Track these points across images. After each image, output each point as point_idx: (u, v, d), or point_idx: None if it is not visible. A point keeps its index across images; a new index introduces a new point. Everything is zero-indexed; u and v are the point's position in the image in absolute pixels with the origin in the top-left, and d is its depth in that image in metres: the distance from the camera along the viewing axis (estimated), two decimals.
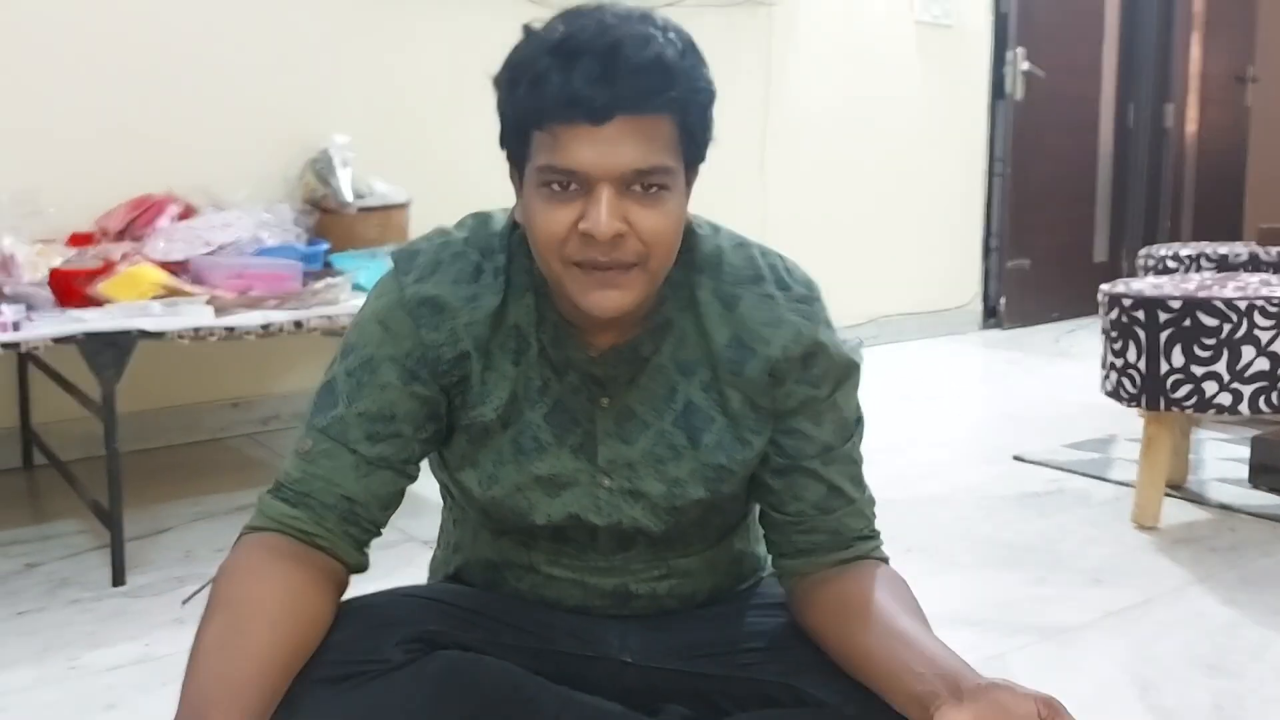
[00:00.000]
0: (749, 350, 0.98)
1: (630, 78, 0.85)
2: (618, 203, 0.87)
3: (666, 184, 0.89)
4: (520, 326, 0.98)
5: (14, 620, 1.79)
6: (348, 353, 0.98)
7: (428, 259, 0.98)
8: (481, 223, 1.02)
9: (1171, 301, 2.10)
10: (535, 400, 0.99)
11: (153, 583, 1.94)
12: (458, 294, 0.96)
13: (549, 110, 0.86)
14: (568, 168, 0.87)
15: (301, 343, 2.95)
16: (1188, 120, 5.31)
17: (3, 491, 2.50)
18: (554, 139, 0.87)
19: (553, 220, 0.88)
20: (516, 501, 1.00)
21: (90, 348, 1.86)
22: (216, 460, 2.75)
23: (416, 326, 0.96)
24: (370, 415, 0.96)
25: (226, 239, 2.35)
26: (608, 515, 1.01)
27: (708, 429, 1.00)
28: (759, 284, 1.00)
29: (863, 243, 4.22)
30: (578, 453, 0.99)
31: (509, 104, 0.91)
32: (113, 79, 2.64)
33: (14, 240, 2.14)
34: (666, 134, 0.88)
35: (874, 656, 0.92)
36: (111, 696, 1.54)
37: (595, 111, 0.85)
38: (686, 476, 1.00)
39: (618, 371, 0.99)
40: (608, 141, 0.86)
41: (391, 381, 0.96)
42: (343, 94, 2.97)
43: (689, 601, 1.08)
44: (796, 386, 1.00)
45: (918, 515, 2.32)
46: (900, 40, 4.31)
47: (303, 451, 0.96)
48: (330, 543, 0.95)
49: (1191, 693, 1.55)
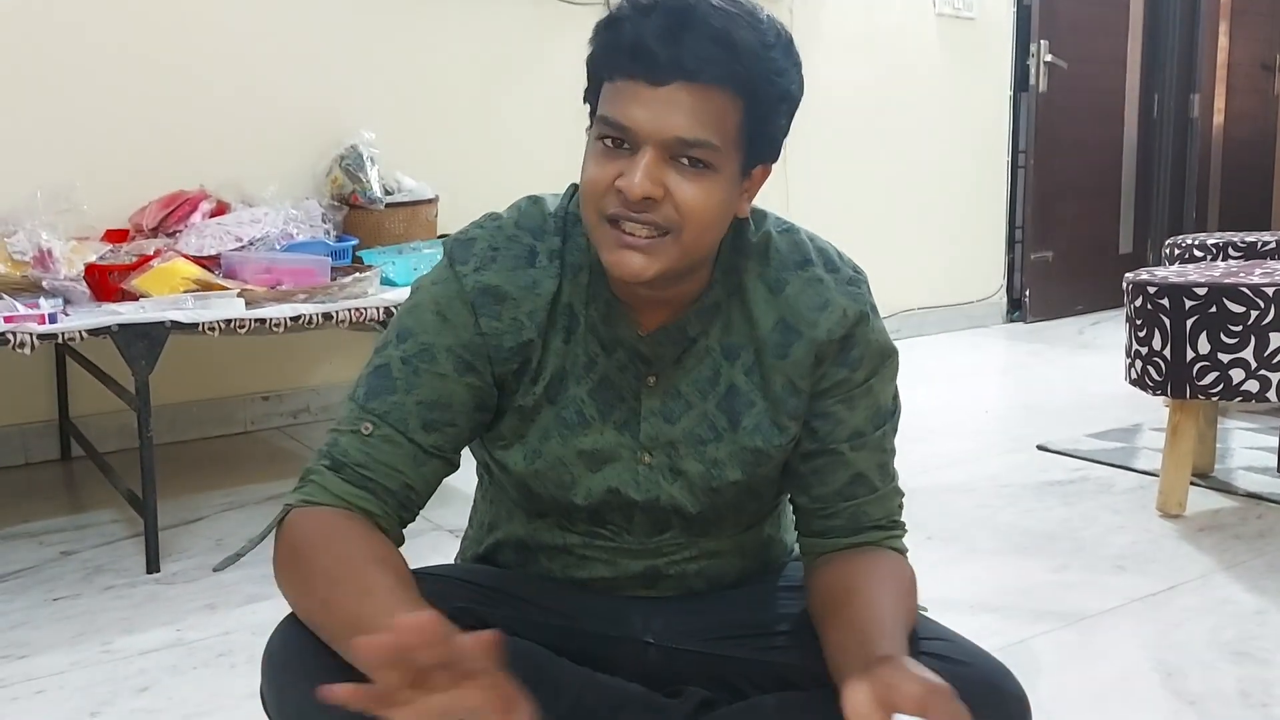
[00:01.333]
0: (795, 333, 1.00)
1: (695, 43, 0.85)
2: (658, 167, 0.88)
3: (711, 162, 0.89)
4: (573, 305, 1.00)
5: (50, 606, 1.83)
6: (404, 337, 0.98)
7: (484, 246, 0.99)
8: (534, 205, 1.03)
9: (1197, 288, 2.10)
10: (581, 376, 1.00)
11: (185, 570, 1.98)
12: (517, 281, 0.98)
13: (615, 60, 0.89)
14: (619, 122, 0.88)
15: (330, 337, 2.99)
16: (1214, 110, 5.26)
17: (41, 482, 2.55)
18: (616, 93, 0.89)
19: (598, 173, 0.90)
20: (559, 475, 1.01)
21: (124, 339, 1.90)
22: (248, 452, 2.79)
23: (477, 316, 0.97)
24: (427, 404, 0.96)
25: (256, 234, 2.39)
26: (646, 491, 1.02)
27: (747, 413, 1.01)
28: (807, 268, 1.01)
29: (885, 236, 4.21)
30: (621, 429, 1.01)
31: (590, 50, 0.93)
32: (146, 79, 2.69)
33: (50, 236, 2.18)
34: (723, 113, 0.88)
35: (829, 643, 0.93)
36: (144, 680, 1.58)
37: (655, 69, 0.86)
38: (725, 458, 1.01)
39: (664, 351, 1.00)
40: (661, 104, 0.87)
41: (448, 372, 0.97)
42: (371, 91, 3.01)
43: (716, 584, 1.09)
44: (834, 368, 1.01)
45: (939, 503, 2.32)
46: (922, 33, 4.30)
47: (364, 434, 0.96)
48: (387, 524, 0.96)
49: (1217, 679, 1.55)
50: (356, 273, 2.29)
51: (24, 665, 1.62)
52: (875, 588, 0.96)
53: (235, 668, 1.61)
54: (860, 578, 0.98)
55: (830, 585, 0.99)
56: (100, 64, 2.64)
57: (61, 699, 1.52)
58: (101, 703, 1.51)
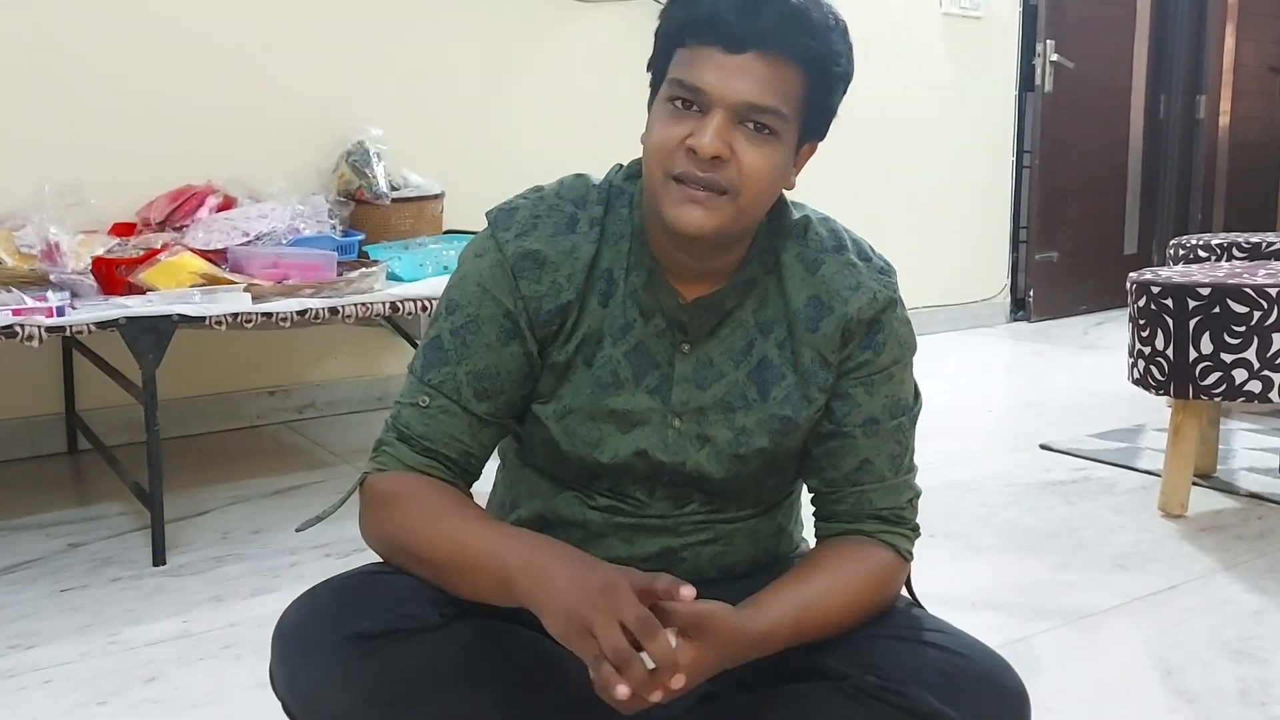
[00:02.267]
0: (827, 308, 1.03)
1: (774, 17, 0.91)
2: (727, 129, 0.93)
3: (776, 129, 0.94)
4: (611, 270, 1.03)
5: (57, 597, 1.85)
6: (452, 310, 1.03)
7: (526, 215, 1.03)
8: (578, 178, 1.07)
9: (1201, 288, 2.10)
10: (618, 338, 1.04)
11: (192, 562, 1.99)
12: (556, 247, 1.02)
13: (693, 27, 0.93)
14: (694, 85, 0.93)
15: (336, 333, 3.01)
16: (1220, 112, 5.25)
17: (48, 475, 2.57)
18: (691, 57, 0.93)
19: (667, 133, 0.94)
20: (589, 433, 1.04)
21: (131, 332, 1.91)
22: (254, 447, 2.80)
23: (517, 281, 1.01)
24: (477, 373, 1.01)
25: (263, 229, 2.39)
26: (674, 454, 1.04)
27: (778, 384, 1.04)
28: (841, 253, 1.06)
29: (890, 235, 4.17)
30: (653, 393, 1.04)
31: (665, 18, 0.97)
32: (154, 74, 2.70)
33: (58, 230, 2.19)
34: (792, 84, 0.94)
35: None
36: (151, 670, 1.59)
37: (733, 38, 0.91)
38: (753, 426, 1.04)
39: (701, 320, 1.03)
40: (736, 71, 0.92)
41: (493, 342, 1.01)
42: (378, 87, 3.01)
43: (728, 573, 1.11)
44: (858, 350, 1.04)
45: (940, 501, 2.33)
46: (927, 32, 4.30)
47: (422, 406, 1.01)
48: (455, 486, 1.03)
49: (1216, 677, 1.56)
50: (363, 268, 2.30)
51: (31, 655, 1.63)
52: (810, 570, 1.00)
53: (241, 659, 1.62)
54: (814, 556, 1.03)
55: (799, 561, 1.05)
56: (108, 59, 2.65)
57: (69, 689, 1.53)
58: (108, 693, 1.52)
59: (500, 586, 0.90)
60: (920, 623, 1.01)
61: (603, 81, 3.32)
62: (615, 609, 0.83)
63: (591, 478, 1.06)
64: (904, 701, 0.93)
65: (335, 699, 0.92)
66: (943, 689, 0.93)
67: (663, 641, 0.83)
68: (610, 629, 0.82)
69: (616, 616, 0.82)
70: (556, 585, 0.86)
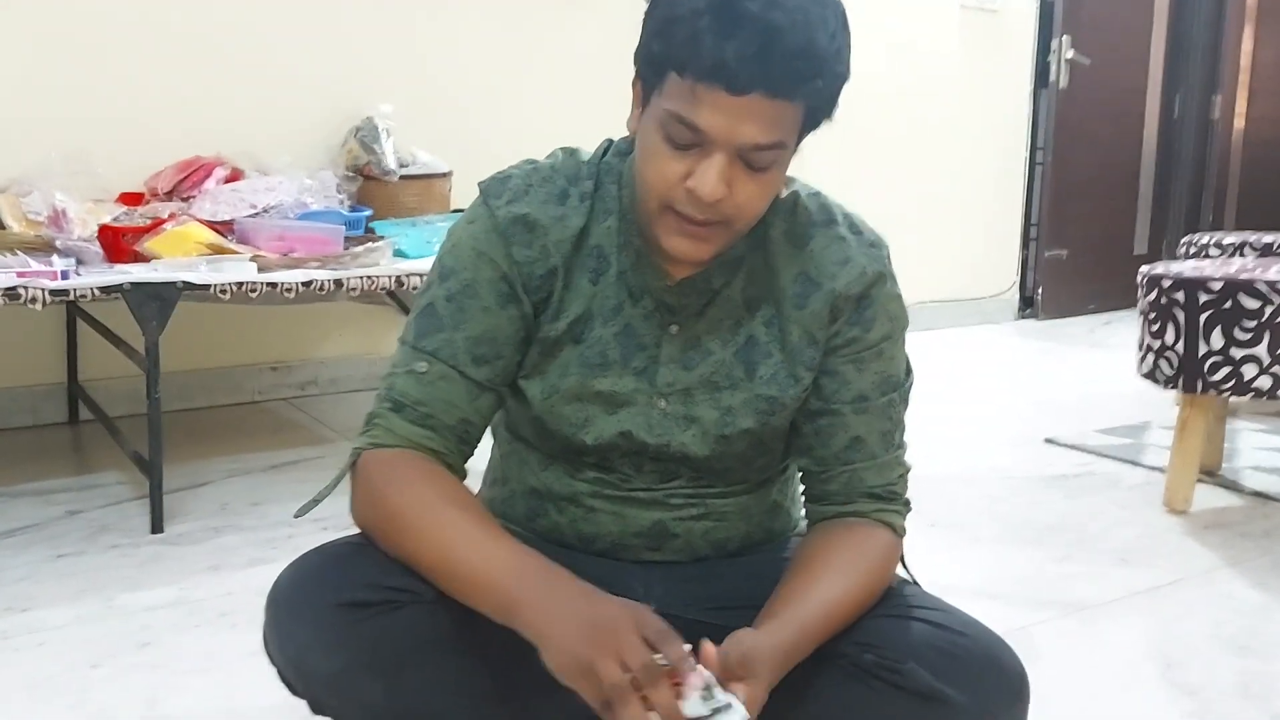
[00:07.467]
0: (815, 284, 1.02)
1: (781, 64, 0.85)
2: (728, 169, 0.89)
3: (777, 159, 0.92)
4: (602, 248, 1.02)
5: (54, 563, 1.84)
6: (445, 277, 1.01)
7: (518, 183, 1.02)
8: (569, 153, 1.06)
9: (1212, 283, 2.08)
10: (608, 319, 1.02)
11: (190, 531, 1.99)
12: (547, 213, 1.01)
13: (694, 67, 0.86)
14: (695, 125, 0.88)
15: (340, 310, 3.00)
16: (1235, 113, 5.22)
17: (49, 443, 2.57)
18: (690, 92, 0.87)
19: (665, 169, 0.91)
20: (574, 413, 1.03)
21: (136, 299, 1.90)
22: (255, 421, 2.80)
23: (508, 246, 1.00)
24: (475, 338, 1.00)
25: (271, 202, 2.39)
26: (658, 435, 1.03)
27: (764, 363, 1.03)
28: (831, 226, 1.03)
29: (900, 229, 4.15)
30: (639, 375, 1.03)
31: (656, 38, 0.89)
32: (165, 45, 2.69)
33: (65, 197, 2.19)
34: (794, 116, 0.90)
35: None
36: (146, 635, 1.59)
37: (737, 83, 0.86)
38: (739, 406, 1.03)
39: (689, 301, 1.02)
40: (739, 112, 0.87)
41: (491, 305, 1.00)
42: (389, 64, 3.01)
43: (721, 548, 1.10)
44: (847, 326, 1.02)
45: (943, 492, 2.32)
46: (943, 25, 4.28)
47: (420, 372, 0.99)
48: (452, 460, 1.00)
49: (1217, 672, 1.54)
50: (369, 243, 2.30)
51: (26, 618, 1.63)
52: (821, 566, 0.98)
53: (237, 627, 1.61)
54: (820, 548, 1.01)
55: (800, 551, 1.02)
56: (120, 29, 2.64)
57: (63, 651, 1.53)
58: (103, 655, 1.52)
59: (500, 612, 0.87)
60: (916, 600, 1.00)
61: (614, 65, 3.29)
62: (618, 650, 0.80)
63: (578, 453, 1.05)
64: (900, 679, 0.92)
65: (325, 663, 0.91)
66: (940, 666, 0.92)
67: (665, 692, 0.80)
68: (612, 669, 0.79)
69: (619, 658, 0.79)
70: (560, 619, 0.83)
